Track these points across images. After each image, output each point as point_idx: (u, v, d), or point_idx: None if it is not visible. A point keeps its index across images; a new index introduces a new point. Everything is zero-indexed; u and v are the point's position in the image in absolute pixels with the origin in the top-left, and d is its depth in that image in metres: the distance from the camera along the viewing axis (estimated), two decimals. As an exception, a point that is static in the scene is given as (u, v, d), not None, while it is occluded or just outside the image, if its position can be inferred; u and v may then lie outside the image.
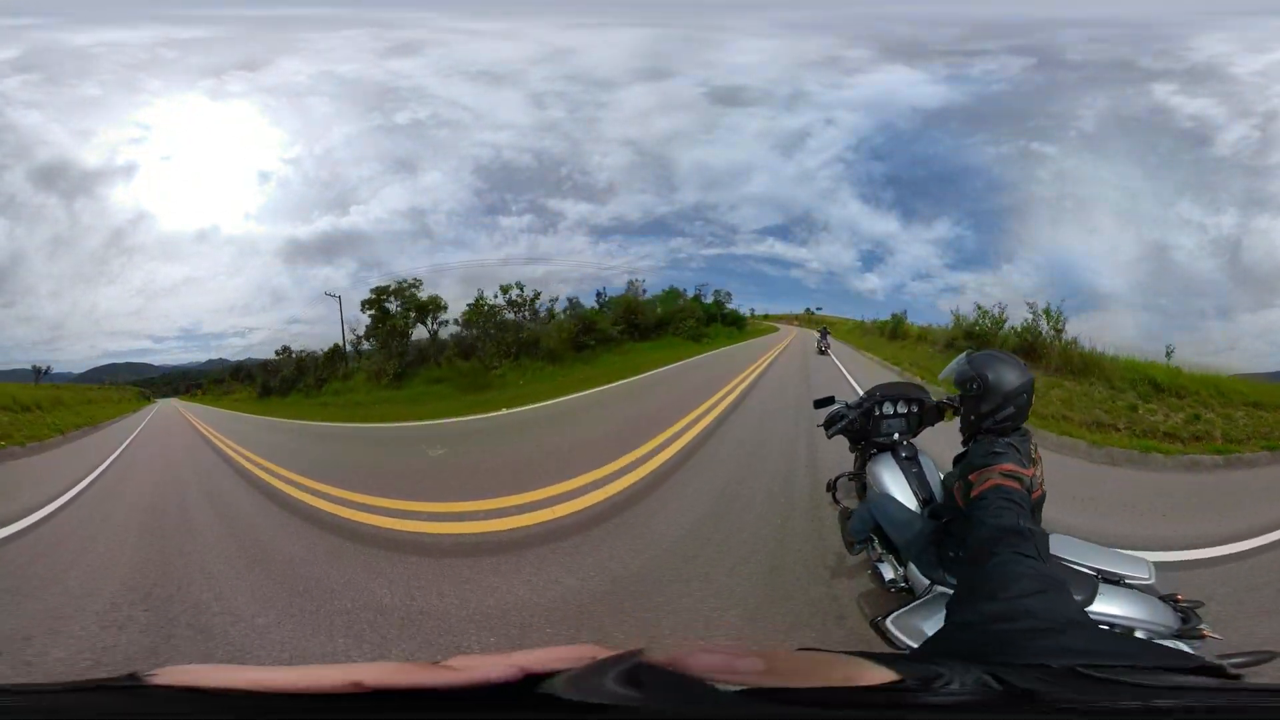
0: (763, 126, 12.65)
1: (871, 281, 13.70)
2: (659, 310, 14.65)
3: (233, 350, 14.22)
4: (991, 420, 2.31)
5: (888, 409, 3.29)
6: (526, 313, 13.06)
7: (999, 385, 2.30)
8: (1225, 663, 1.81)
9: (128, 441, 10.45)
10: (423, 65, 11.69)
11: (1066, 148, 11.08)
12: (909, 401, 3.31)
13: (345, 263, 13.39)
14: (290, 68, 11.60)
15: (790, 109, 12.32)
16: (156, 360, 14.29)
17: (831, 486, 4.24)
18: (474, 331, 12.86)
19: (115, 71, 11.33)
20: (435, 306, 12.85)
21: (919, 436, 3.35)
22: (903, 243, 13.23)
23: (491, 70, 11.81)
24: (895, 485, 3.04)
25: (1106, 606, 2.16)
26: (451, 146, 12.46)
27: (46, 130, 11.46)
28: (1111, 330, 9.58)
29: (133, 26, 11.42)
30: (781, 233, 13.79)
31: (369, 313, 13.04)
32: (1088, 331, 9.65)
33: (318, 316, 14.05)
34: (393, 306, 12.78)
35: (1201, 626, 2.16)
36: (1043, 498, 2.34)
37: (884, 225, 13.33)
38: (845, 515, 3.27)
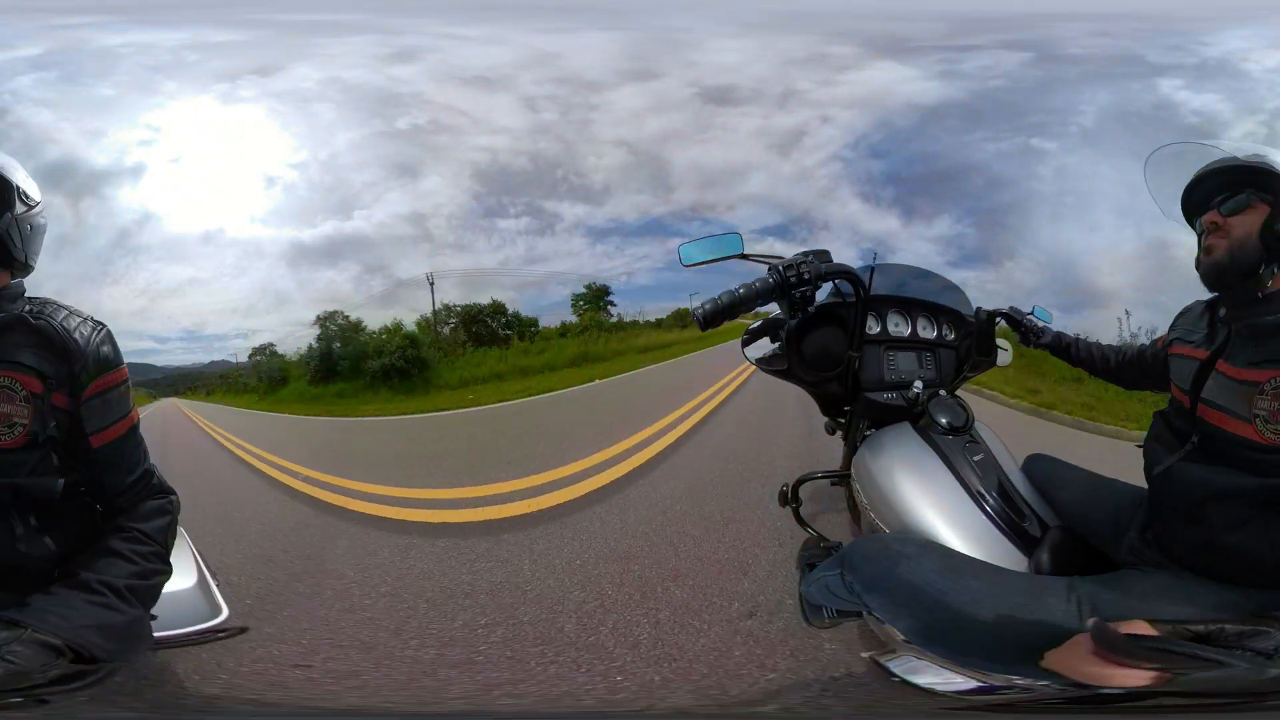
0: (757, 125, 12.59)
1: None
2: None
3: (234, 351, 14.86)
4: None
5: (894, 323, 1.60)
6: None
7: None
8: None
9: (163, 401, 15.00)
10: (420, 71, 12.01)
11: (1067, 143, 10.77)
12: (935, 316, 1.64)
13: (348, 266, 13.72)
14: (301, 73, 11.99)
15: (783, 107, 12.27)
16: (159, 361, 14.90)
17: (790, 497, 1.79)
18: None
19: (134, 73, 11.80)
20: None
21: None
22: (904, 241, 12.99)
23: (485, 75, 12.06)
24: (938, 502, 1.27)
25: None
26: (450, 151, 12.73)
27: (56, 129, 11.97)
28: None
29: (174, 28, 11.89)
30: (782, 233, 13.63)
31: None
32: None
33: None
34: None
35: None
36: None
37: (884, 224, 13.12)
38: (807, 561, 1.58)
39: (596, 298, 9.76)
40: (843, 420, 1.65)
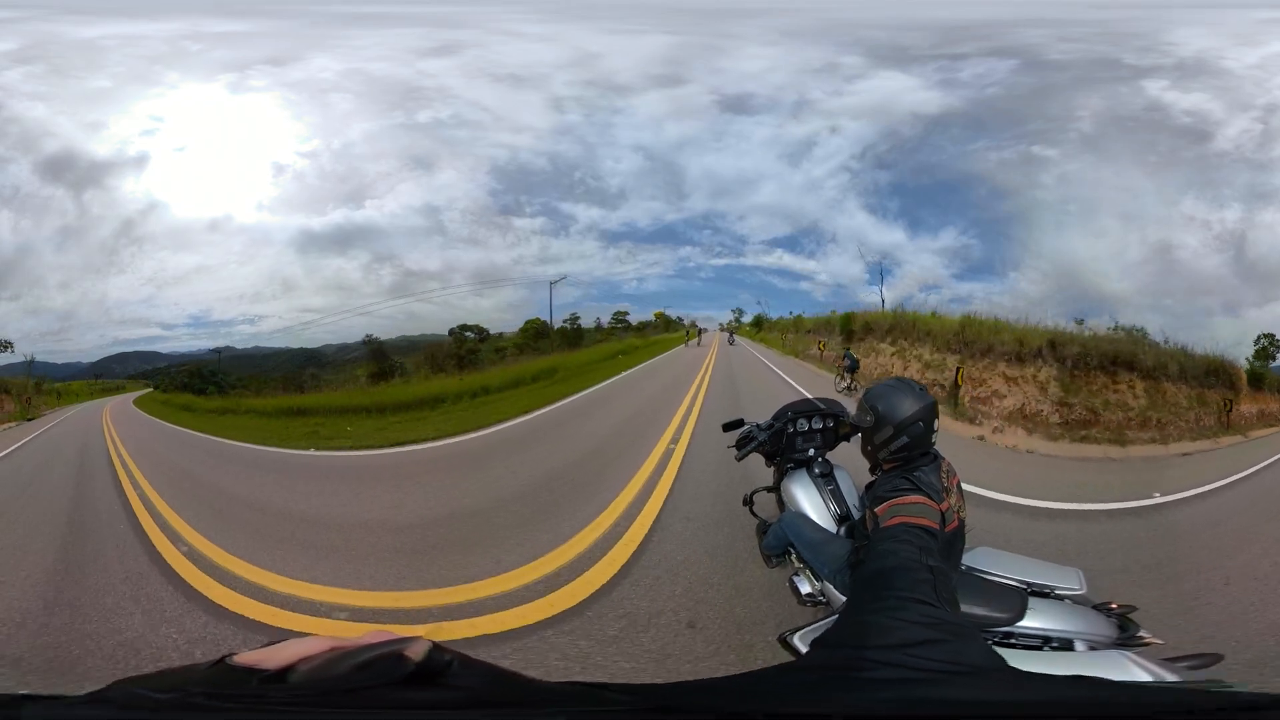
0: (770, 135, 12.82)
1: (879, 294, 13.44)
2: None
3: (241, 338, 13.96)
4: (887, 452, 2.24)
5: (801, 425, 3.20)
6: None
7: (890, 415, 2.23)
8: (1172, 667, 1.79)
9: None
10: (453, 66, 11.67)
11: (1067, 150, 10.84)
12: (824, 417, 3.23)
13: (358, 254, 13.28)
14: (318, 64, 11.44)
15: (796, 117, 12.53)
16: (165, 348, 14.14)
17: (748, 500, 3.82)
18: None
19: (126, 64, 11.04)
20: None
21: (837, 451, 3.24)
22: (909, 253, 13.09)
23: (518, 73, 11.86)
24: (809, 503, 2.96)
25: (1038, 621, 2.08)
26: (469, 146, 12.46)
27: (53, 123, 11.09)
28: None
29: (151, 20, 11.09)
30: (790, 244, 13.85)
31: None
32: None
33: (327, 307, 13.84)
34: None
35: (1142, 633, 2.11)
36: (960, 528, 2.22)
37: (890, 236, 13.23)
38: (762, 530, 3.23)
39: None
40: (775, 462, 3.31)
